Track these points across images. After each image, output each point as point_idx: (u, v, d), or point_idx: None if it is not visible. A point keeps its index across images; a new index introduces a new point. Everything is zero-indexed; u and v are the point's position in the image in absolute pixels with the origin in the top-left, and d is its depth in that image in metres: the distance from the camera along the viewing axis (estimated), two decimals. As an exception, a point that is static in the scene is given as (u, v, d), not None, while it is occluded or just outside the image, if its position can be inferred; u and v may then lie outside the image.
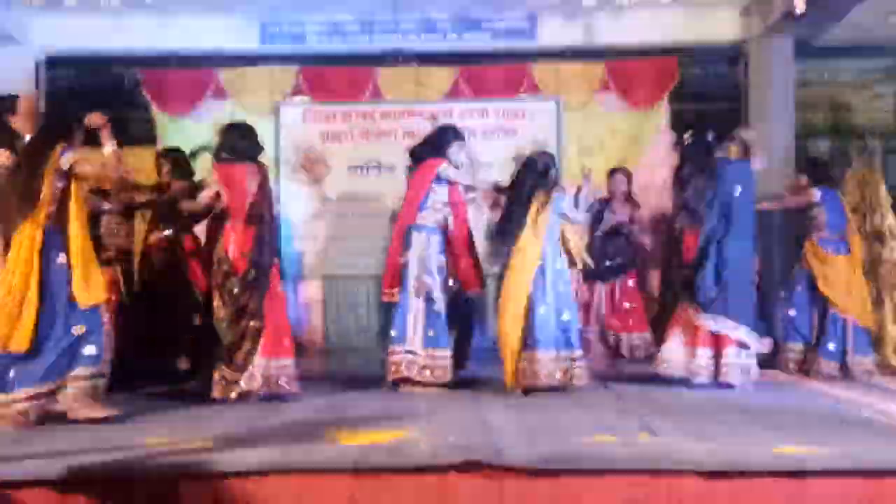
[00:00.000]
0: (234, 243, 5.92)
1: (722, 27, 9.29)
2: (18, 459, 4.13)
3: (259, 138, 6.20)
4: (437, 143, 6.51)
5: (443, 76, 9.34)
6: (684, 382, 6.32)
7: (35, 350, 5.02)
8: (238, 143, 6.10)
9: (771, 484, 3.97)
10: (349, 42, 9.47)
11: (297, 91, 9.32)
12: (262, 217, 5.96)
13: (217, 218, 6.31)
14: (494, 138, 9.32)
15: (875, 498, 3.94)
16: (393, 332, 6.31)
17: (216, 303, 5.90)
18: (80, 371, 5.11)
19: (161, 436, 4.69)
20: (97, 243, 5.97)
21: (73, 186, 5.24)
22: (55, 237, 5.13)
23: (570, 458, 4.10)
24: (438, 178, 6.40)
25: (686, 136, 6.84)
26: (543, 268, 6.11)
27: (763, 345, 6.55)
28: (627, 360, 7.99)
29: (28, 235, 5.06)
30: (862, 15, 8.47)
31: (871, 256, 7.40)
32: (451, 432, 4.69)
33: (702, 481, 3.99)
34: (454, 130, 6.62)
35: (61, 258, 5.12)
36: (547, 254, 6.13)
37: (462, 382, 6.40)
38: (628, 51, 9.38)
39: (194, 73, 9.31)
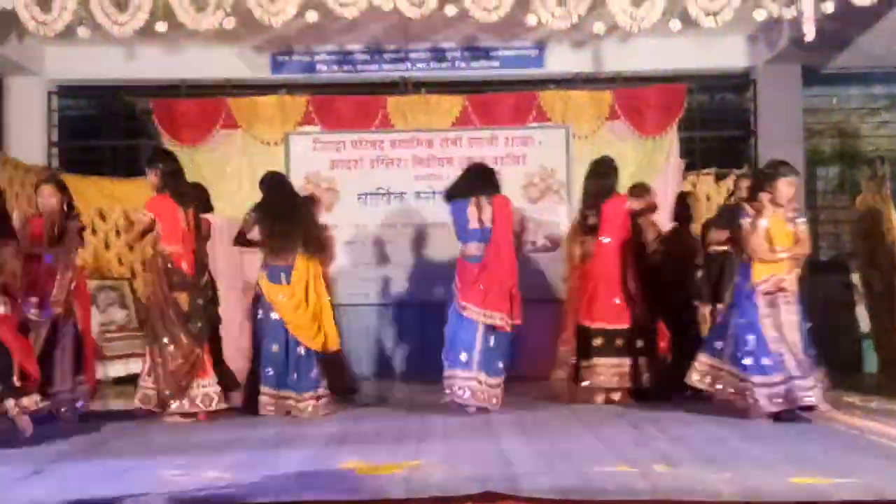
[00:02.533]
0: None
1: (730, 54, 9.34)
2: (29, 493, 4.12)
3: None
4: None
5: (452, 104, 9.36)
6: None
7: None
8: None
9: (791, 514, 3.93)
10: (359, 71, 9.55)
11: (307, 120, 9.34)
12: None
13: None
14: (503, 166, 9.31)
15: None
16: None
17: None
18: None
19: (177, 465, 4.68)
20: None
21: None
22: None
23: (588, 489, 4.07)
24: None
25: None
26: None
27: None
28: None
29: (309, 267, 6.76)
30: (869, 42, 8.52)
31: (884, 283, 7.38)
32: (466, 462, 4.67)
33: (721, 512, 3.95)
34: None
35: None
36: None
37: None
38: (637, 78, 9.42)
39: (204, 102, 9.36)
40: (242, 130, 9.31)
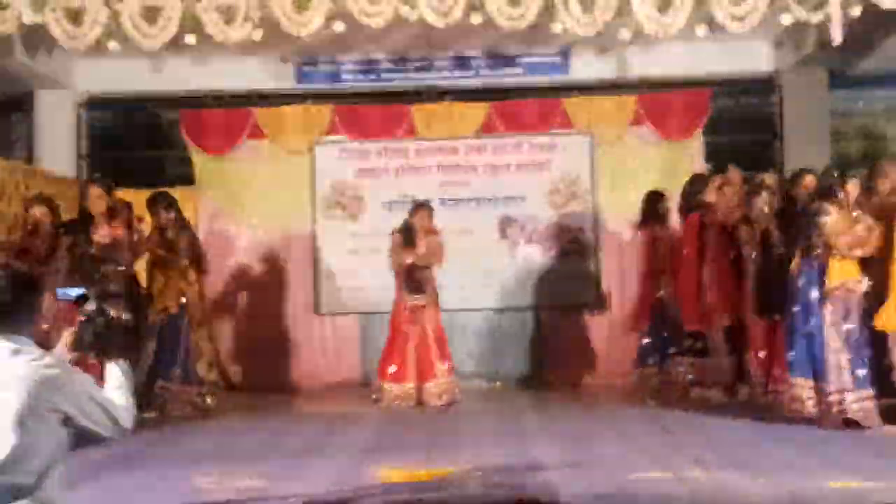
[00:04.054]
0: None
1: (755, 59, 9.27)
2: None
3: None
4: None
5: (476, 111, 9.35)
6: None
7: None
8: None
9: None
10: (383, 80, 9.57)
11: (332, 129, 9.38)
12: None
13: None
14: (528, 172, 9.36)
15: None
16: None
17: None
18: None
19: (210, 473, 4.72)
20: None
21: None
22: None
23: (625, 495, 4.08)
24: None
25: None
26: None
27: None
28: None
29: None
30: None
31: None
32: (500, 469, 4.68)
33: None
34: None
35: None
36: None
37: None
38: (661, 83, 9.40)
39: (231, 113, 9.39)
40: (269, 140, 9.34)
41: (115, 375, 3.04)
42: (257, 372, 9.02)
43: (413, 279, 7.63)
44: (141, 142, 9.88)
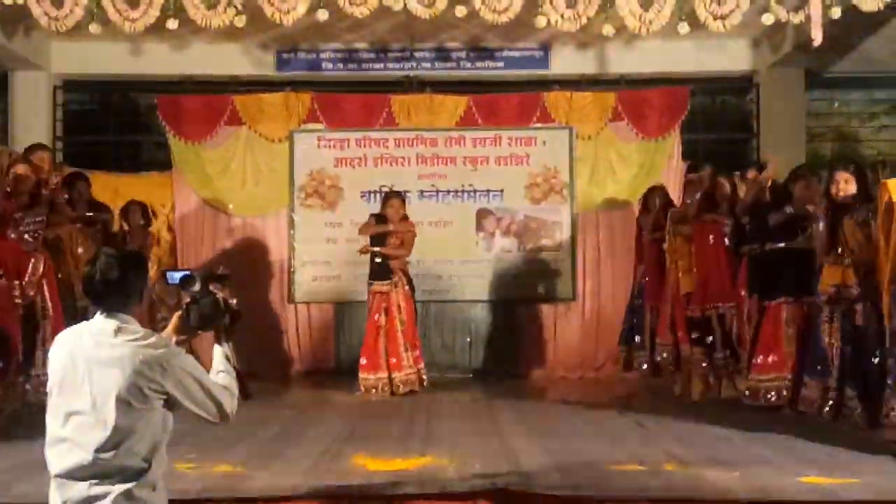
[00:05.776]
0: None
1: (733, 58, 9.35)
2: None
3: None
4: None
5: (456, 104, 9.34)
6: None
7: None
8: None
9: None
10: (364, 69, 9.55)
11: (311, 118, 9.35)
12: None
13: None
14: (506, 165, 9.38)
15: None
16: None
17: None
18: None
19: (189, 459, 4.71)
20: None
21: None
22: None
23: (600, 486, 4.12)
24: None
25: None
26: None
27: None
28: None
29: None
30: (872, 47, 8.57)
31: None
32: (476, 458, 4.71)
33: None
34: None
35: None
36: None
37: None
38: (641, 80, 9.45)
39: (209, 99, 9.32)
40: (247, 127, 9.28)
41: (221, 359, 3.02)
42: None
43: (377, 264, 7.69)
44: (118, 125, 9.82)
